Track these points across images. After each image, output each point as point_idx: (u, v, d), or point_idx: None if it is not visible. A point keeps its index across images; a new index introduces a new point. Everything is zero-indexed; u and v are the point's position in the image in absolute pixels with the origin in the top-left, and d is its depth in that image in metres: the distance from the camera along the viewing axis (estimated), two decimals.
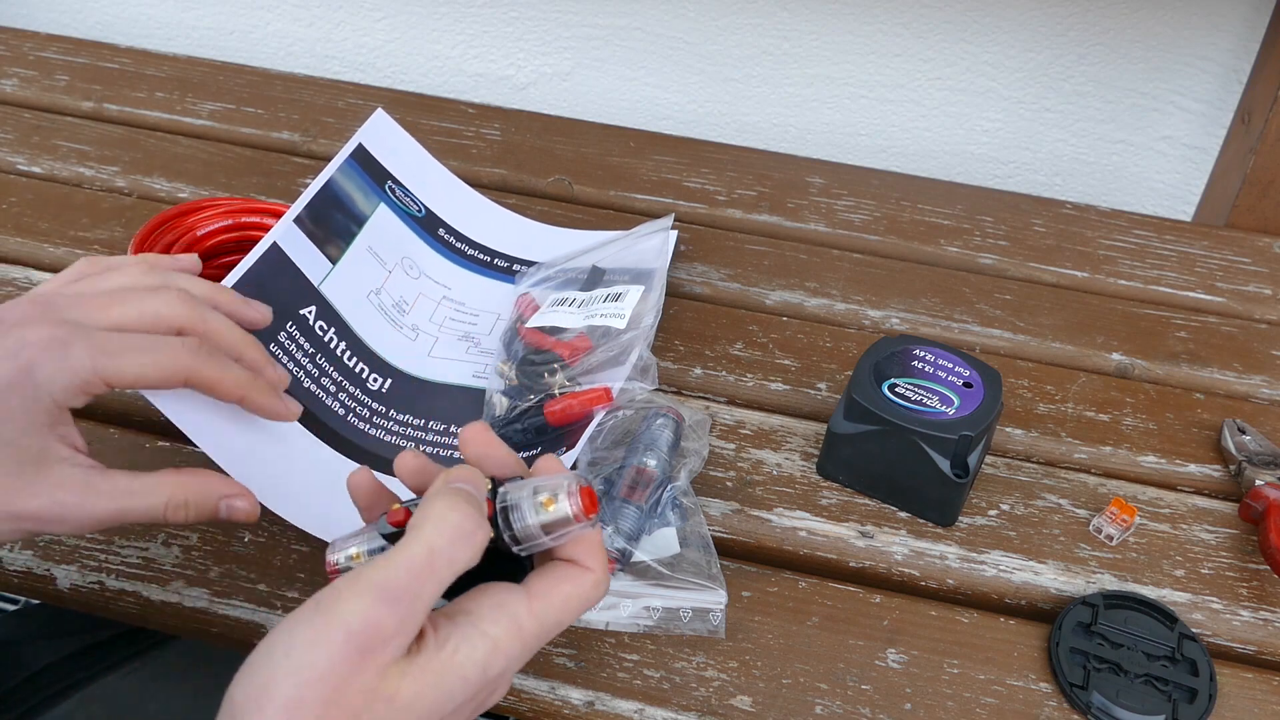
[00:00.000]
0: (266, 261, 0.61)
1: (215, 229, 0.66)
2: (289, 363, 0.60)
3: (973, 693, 0.53)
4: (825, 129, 1.06)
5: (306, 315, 0.62)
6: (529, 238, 0.78)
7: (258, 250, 0.61)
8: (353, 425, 0.61)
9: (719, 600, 0.54)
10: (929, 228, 0.84)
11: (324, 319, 0.63)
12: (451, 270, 0.73)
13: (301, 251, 0.63)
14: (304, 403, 0.59)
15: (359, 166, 0.70)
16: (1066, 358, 0.74)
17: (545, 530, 0.42)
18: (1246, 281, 0.81)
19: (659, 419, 0.60)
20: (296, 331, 0.61)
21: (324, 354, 0.62)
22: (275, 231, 0.62)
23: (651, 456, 0.58)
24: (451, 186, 0.77)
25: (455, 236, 0.75)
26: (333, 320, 0.63)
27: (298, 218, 0.63)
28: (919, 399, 0.59)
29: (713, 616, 0.54)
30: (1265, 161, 0.85)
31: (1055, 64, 0.98)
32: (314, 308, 0.62)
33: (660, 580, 0.55)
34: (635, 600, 0.55)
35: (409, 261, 0.70)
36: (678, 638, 0.54)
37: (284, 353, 0.60)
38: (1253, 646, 0.57)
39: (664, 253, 0.71)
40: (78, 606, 0.56)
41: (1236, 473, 0.64)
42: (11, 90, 0.93)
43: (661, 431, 0.60)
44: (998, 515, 0.62)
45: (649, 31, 1.04)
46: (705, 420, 0.63)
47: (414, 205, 0.73)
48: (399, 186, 0.73)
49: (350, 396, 0.62)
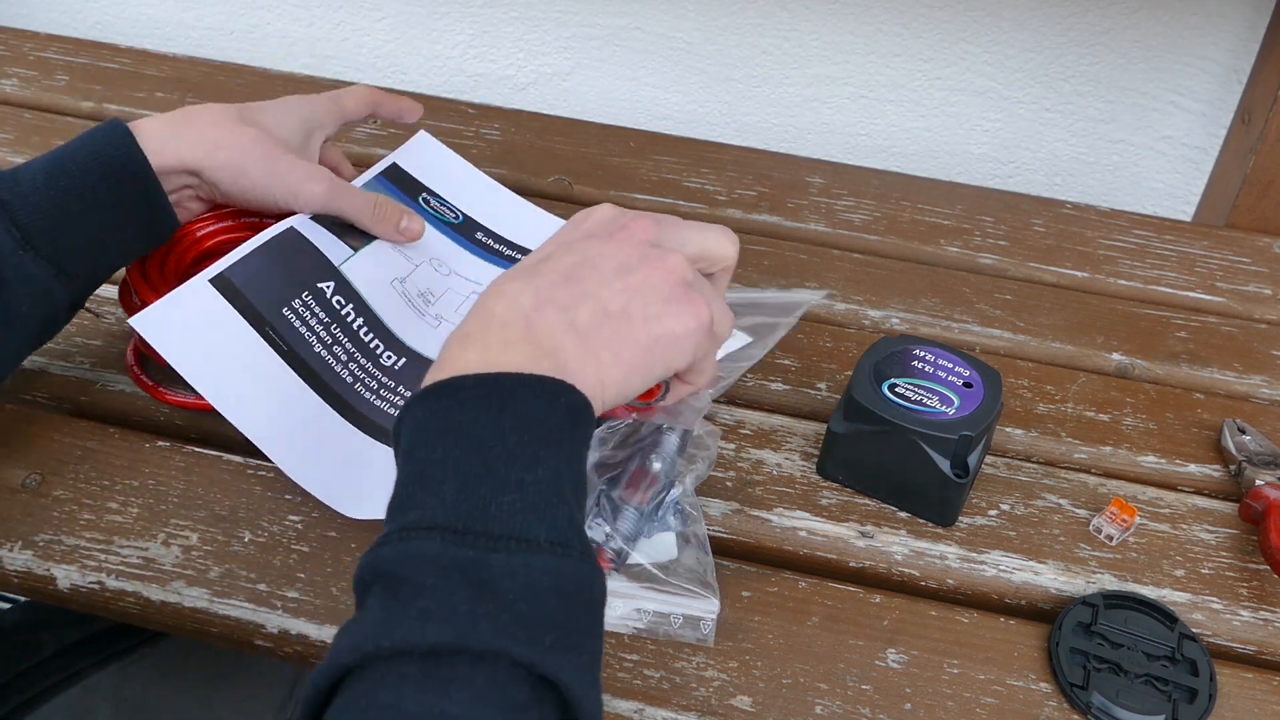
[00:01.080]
0: (284, 240, 0.62)
1: (215, 229, 0.66)
2: (301, 326, 0.61)
3: (973, 693, 0.53)
4: (825, 129, 1.06)
5: (324, 289, 0.62)
6: None
7: (272, 230, 0.62)
8: (359, 394, 0.61)
9: (711, 609, 0.54)
10: (929, 228, 0.84)
11: (342, 295, 0.63)
12: (487, 270, 0.72)
13: (320, 237, 0.64)
14: (313, 367, 0.60)
15: (389, 182, 0.72)
16: (1066, 358, 0.74)
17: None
18: (1246, 281, 0.81)
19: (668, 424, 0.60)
20: (312, 300, 0.62)
21: (339, 325, 0.62)
22: (293, 219, 0.63)
23: (657, 460, 0.58)
24: (495, 193, 0.77)
25: (494, 239, 0.75)
26: (351, 298, 0.63)
27: (315, 215, 0.64)
28: (919, 399, 0.59)
29: (703, 625, 0.54)
30: (1265, 161, 0.85)
31: (1055, 64, 0.98)
32: (332, 284, 0.63)
33: (654, 584, 0.55)
34: (627, 601, 0.55)
35: (438, 261, 0.70)
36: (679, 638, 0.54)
37: (297, 317, 0.61)
38: (1253, 646, 0.57)
39: (794, 317, 0.73)
40: (78, 607, 0.56)
41: (1236, 473, 0.64)
42: (11, 90, 0.93)
43: (668, 436, 0.60)
44: (998, 515, 0.62)
45: (649, 31, 1.04)
46: (715, 431, 0.63)
47: (450, 213, 0.73)
48: (434, 197, 0.73)
49: (360, 368, 0.62)
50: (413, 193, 0.72)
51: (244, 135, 0.62)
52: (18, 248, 0.55)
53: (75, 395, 0.66)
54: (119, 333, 0.70)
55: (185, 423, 0.64)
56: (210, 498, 0.59)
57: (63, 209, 0.56)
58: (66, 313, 0.59)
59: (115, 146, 0.58)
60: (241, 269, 0.60)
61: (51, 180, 0.57)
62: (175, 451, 0.62)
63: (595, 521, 0.56)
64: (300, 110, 0.66)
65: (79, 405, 0.66)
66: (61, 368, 0.67)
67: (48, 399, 0.66)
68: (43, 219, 0.56)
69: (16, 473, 0.60)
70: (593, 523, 0.56)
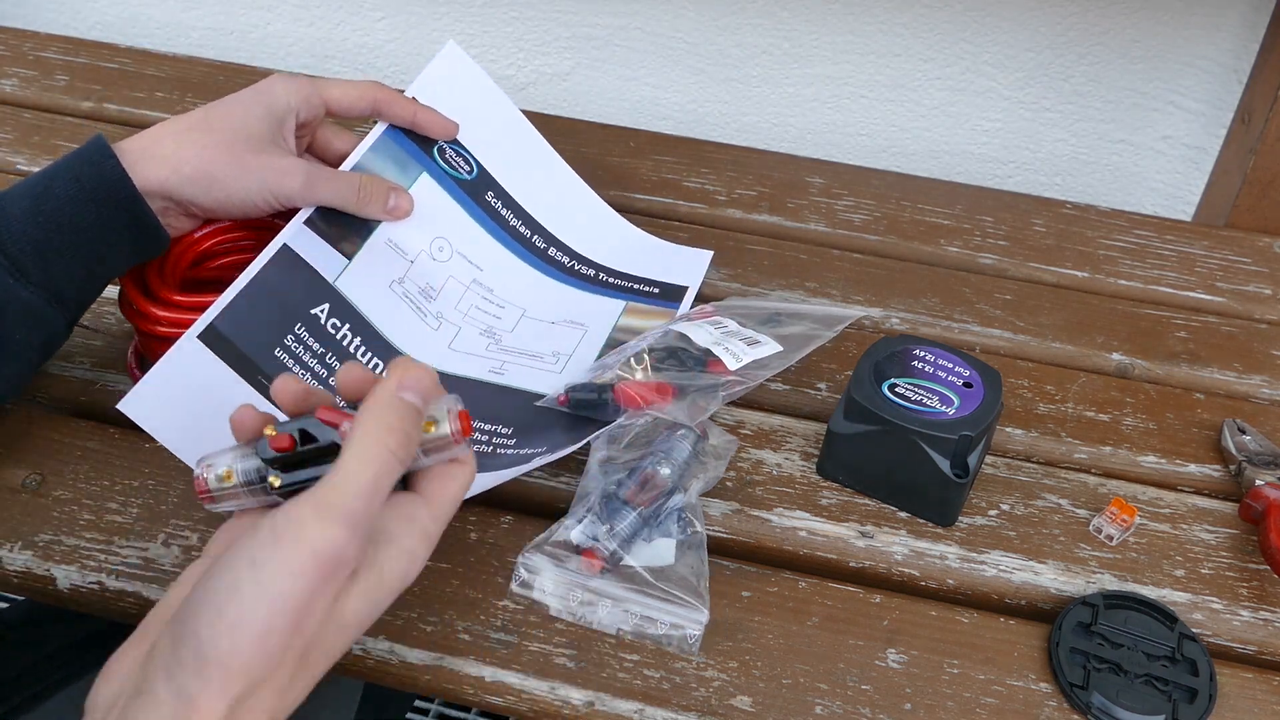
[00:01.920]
0: (276, 264, 0.60)
1: (213, 229, 0.66)
2: (296, 366, 0.60)
3: (973, 693, 0.53)
4: (825, 129, 1.06)
5: (318, 315, 0.62)
6: (573, 207, 0.77)
7: (266, 253, 0.60)
8: None
9: (699, 619, 0.54)
10: (929, 228, 0.84)
11: (337, 315, 0.62)
12: (489, 246, 0.72)
13: (314, 250, 0.63)
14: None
15: (402, 134, 0.70)
16: (1066, 358, 0.74)
17: (424, 449, 0.45)
18: (1246, 281, 0.81)
19: (680, 429, 0.60)
20: (305, 333, 0.61)
21: (334, 352, 0.61)
22: (285, 234, 0.62)
23: (665, 465, 0.58)
24: (519, 130, 0.75)
25: (503, 202, 0.73)
26: (347, 316, 0.63)
27: (309, 219, 0.63)
28: (919, 399, 0.59)
29: (689, 634, 0.54)
30: (1265, 161, 0.85)
31: (1055, 64, 0.98)
32: (327, 305, 0.62)
33: (645, 588, 0.55)
34: (616, 603, 0.55)
35: (440, 242, 0.69)
36: None
37: (290, 356, 0.59)
38: (1253, 646, 0.57)
39: (834, 331, 0.72)
40: (78, 607, 0.56)
41: (1236, 473, 0.64)
42: (11, 90, 0.93)
43: (680, 443, 0.60)
44: (998, 515, 0.62)
45: (649, 31, 1.04)
46: (734, 442, 0.63)
47: (465, 165, 0.72)
48: (452, 146, 0.72)
49: None
50: (426, 145, 0.71)
51: (207, 144, 0.59)
52: (8, 277, 0.55)
53: (75, 395, 0.66)
54: (119, 333, 0.70)
55: None
56: None
57: (50, 239, 0.56)
58: (64, 333, 0.59)
59: (98, 171, 0.57)
60: (230, 316, 0.58)
61: (37, 208, 0.56)
62: None
63: (594, 520, 0.56)
64: (265, 98, 0.63)
65: (79, 405, 0.66)
66: (61, 368, 0.67)
67: (48, 399, 0.66)
68: (32, 249, 0.55)
69: (16, 473, 0.60)
70: (591, 522, 0.56)
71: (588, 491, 0.58)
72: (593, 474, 0.59)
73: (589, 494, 0.58)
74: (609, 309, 0.72)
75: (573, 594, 0.55)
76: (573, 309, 0.72)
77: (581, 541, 0.56)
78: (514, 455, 0.60)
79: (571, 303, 0.72)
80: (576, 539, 0.56)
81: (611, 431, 0.60)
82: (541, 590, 0.56)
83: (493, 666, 0.53)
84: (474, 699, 0.53)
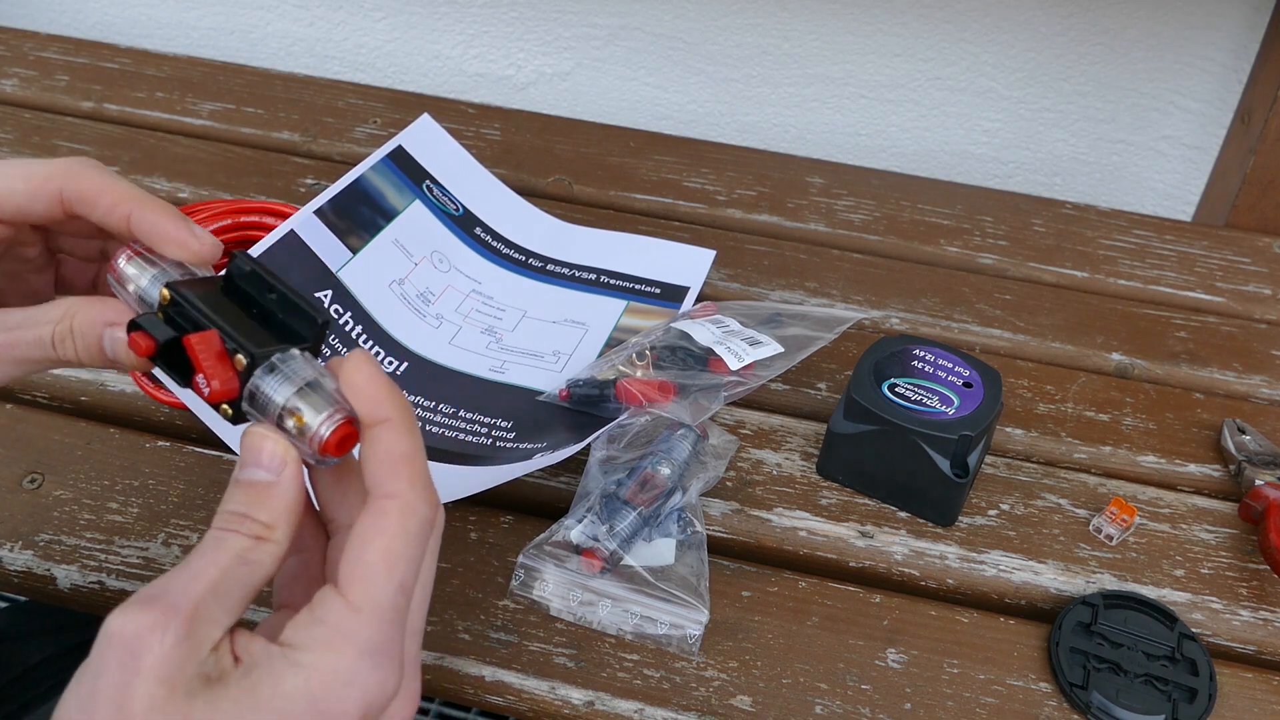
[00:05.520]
0: (282, 247, 0.61)
1: (214, 229, 0.66)
2: None
3: (973, 693, 0.53)
4: (825, 129, 1.06)
5: (321, 299, 0.62)
6: (567, 240, 0.78)
7: (273, 236, 0.61)
8: None
9: (699, 619, 0.54)
10: (929, 228, 0.84)
11: (339, 303, 0.63)
12: (484, 266, 0.73)
13: (320, 240, 0.63)
14: None
15: (395, 166, 0.71)
16: (1066, 358, 0.74)
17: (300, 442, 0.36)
18: (1246, 281, 0.81)
19: (680, 429, 0.60)
20: None
21: (337, 335, 0.62)
22: (294, 220, 0.62)
23: (665, 465, 0.58)
24: (493, 189, 0.77)
25: (492, 236, 0.75)
26: (349, 305, 0.63)
27: (319, 210, 0.64)
28: (919, 399, 0.59)
29: (689, 635, 0.54)
30: (1265, 161, 0.85)
31: (1055, 64, 0.98)
32: (329, 292, 0.62)
33: (645, 588, 0.55)
34: (616, 603, 0.55)
35: (439, 255, 0.70)
36: None
37: None
38: (1253, 646, 0.57)
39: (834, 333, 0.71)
40: (78, 607, 0.56)
41: (1236, 473, 0.64)
42: (11, 90, 0.93)
43: (680, 442, 0.60)
44: (998, 515, 0.62)
45: (649, 31, 1.04)
46: (734, 444, 0.63)
47: (452, 204, 0.73)
48: (437, 186, 0.73)
49: None
50: (417, 179, 0.72)
51: None
52: None
53: (75, 395, 0.66)
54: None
55: (185, 423, 0.64)
56: (210, 498, 0.59)
57: None
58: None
59: None
60: None
61: None
62: (175, 451, 0.62)
63: (594, 520, 0.56)
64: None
65: (79, 405, 0.66)
66: (61, 368, 0.67)
67: (48, 399, 0.66)
68: None
69: (16, 473, 0.60)
70: (591, 521, 0.56)
71: (588, 491, 0.58)
72: (593, 474, 0.59)
73: (589, 494, 0.58)
74: (610, 308, 0.72)
75: (573, 594, 0.55)
76: (573, 309, 0.72)
77: (581, 541, 0.56)
78: (514, 450, 0.60)
79: (572, 303, 0.73)
80: (576, 539, 0.56)
81: (611, 431, 0.61)
82: (541, 590, 0.56)
83: (493, 666, 0.53)
84: (474, 699, 0.53)
